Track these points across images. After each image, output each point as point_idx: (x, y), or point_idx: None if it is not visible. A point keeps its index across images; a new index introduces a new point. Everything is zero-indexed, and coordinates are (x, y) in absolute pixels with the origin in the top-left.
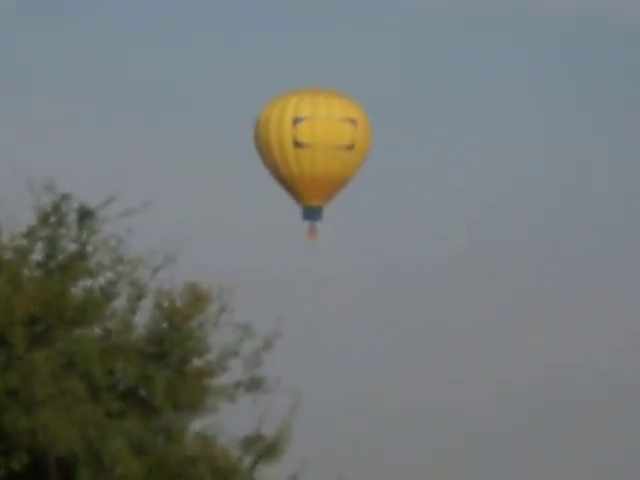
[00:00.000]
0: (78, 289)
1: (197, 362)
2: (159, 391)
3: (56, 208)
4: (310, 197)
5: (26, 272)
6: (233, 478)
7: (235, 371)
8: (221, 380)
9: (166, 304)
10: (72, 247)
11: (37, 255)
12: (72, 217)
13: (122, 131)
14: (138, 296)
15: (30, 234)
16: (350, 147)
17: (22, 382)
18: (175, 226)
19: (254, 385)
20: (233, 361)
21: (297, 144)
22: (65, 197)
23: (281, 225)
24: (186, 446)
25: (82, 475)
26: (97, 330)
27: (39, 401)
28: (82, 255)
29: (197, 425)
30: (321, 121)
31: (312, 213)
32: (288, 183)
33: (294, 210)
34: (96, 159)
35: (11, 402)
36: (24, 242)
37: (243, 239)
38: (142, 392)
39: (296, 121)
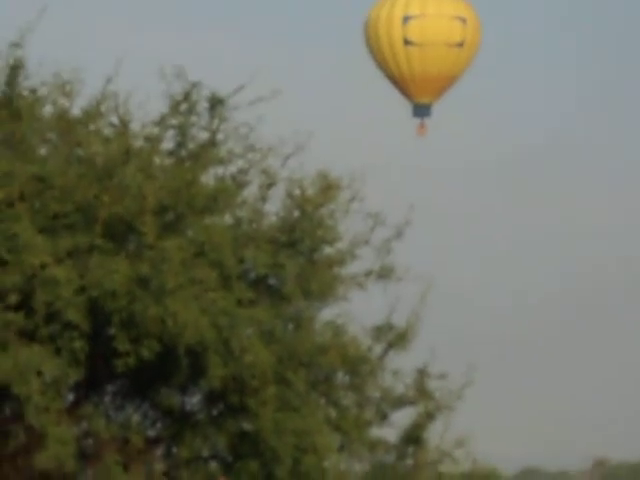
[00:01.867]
0: (209, 177)
1: (328, 250)
2: (289, 279)
3: (187, 96)
4: (420, 94)
5: (157, 160)
6: (363, 366)
7: (365, 259)
8: (351, 268)
9: (297, 192)
10: (203, 135)
11: (168, 143)
12: (203, 105)
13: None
14: (269, 184)
15: (161, 122)
16: (460, 45)
17: (152, 270)
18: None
19: (384, 273)
20: (364, 249)
21: (407, 42)
22: (196, 85)
23: (392, 121)
24: (316, 335)
25: (212, 363)
26: (228, 218)
27: (169, 289)
28: (213, 143)
29: (327, 314)
30: (431, 19)
31: (421, 110)
32: (398, 81)
33: (405, 106)
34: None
35: (141, 291)
36: (155, 130)
37: (357, 135)
38: (272, 280)
39: (406, 19)
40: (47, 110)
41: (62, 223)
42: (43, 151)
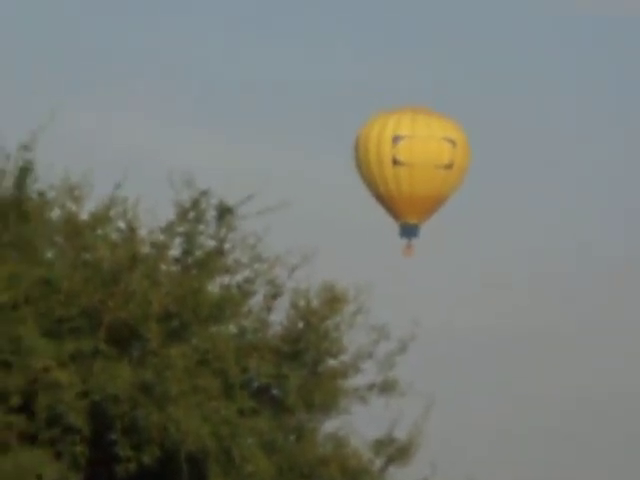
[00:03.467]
0: (215, 286)
1: (331, 363)
2: (292, 390)
3: (195, 204)
4: (407, 215)
5: (163, 267)
6: (363, 479)
7: (369, 373)
8: (354, 381)
9: (302, 303)
10: (210, 243)
11: (175, 250)
12: (211, 213)
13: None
14: (274, 295)
15: (168, 229)
16: (449, 166)
17: (156, 377)
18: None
19: (387, 388)
20: (367, 362)
21: (396, 162)
22: (204, 193)
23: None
24: (317, 446)
25: (212, 471)
26: (232, 327)
27: (172, 397)
28: (220, 252)
29: (329, 426)
30: (420, 140)
31: (409, 230)
32: (386, 200)
33: (392, 227)
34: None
35: (144, 397)
36: (162, 237)
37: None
38: (275, 391)
39: (396, 139)
40: (55, 213)
41: (67, 327)
42: (50, 254)
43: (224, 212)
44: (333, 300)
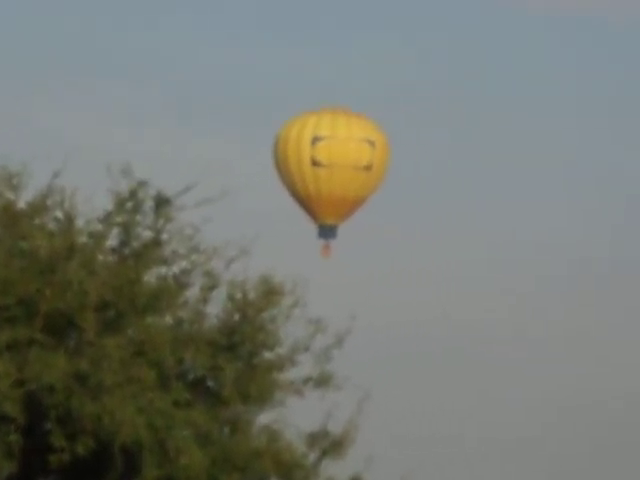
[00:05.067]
0: (152, 277)
1: (267, 355)
2: (228, 383)
3: (133, 194)
4: (326, 216)
5: (100, 257)
6: (297, 473)
7: (305, 366)
8: (290, 375)
9: (239, 296)
10: (147, 234)
11: (112, 241)
12: (149, 204)
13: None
14: (211, 286)
15: (106, 219)
16: (368, 168)
17: (91, 367)
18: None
19: (323, 381)
20: (303, 356)
21: (315, 163)
22: (142, 183)
23: (297, 242)
24: (252, 439)
25: (146, 463)
26: (169, 319)
27: (107, 387)
28: (157, 243)
29: (264, 418)
30: (340, 141)
31: (327, 232)
32: (305, 201)
33: (310, 228)
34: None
35: (79, 387)
36: (99, 227)
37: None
38: (210, 383)
39: (315, 140)
40: None
41: (3, 315)
42: None
43: (162, 203)
44: (270, 293)
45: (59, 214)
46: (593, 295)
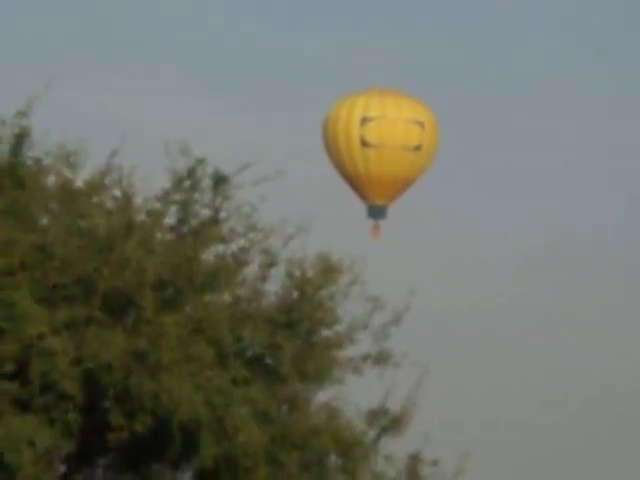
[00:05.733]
0: (209, 255)
1: (326, 333)
2: (286, 360)
3: (191, 173)
4: (375, 196)
5: (158, 235)
6: (357, 450)
7: (363, 343)
8: (349, 352)
9: (297, 273)
10: (205, 212)
11: (170, 219)
12: (206, 182)
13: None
14: (269, 264)
15: (164, 198)
16: (417, 148)
17: (149, 346)
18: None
19: (382, 359)
20: (362, 333)
21: (364, 143)
22: (200, 162)
23: (347, 222)
24: (310, 417)
25: (205, 440)
26: (227, 297)
27: (165, 365)
28: (215, 221)
29: (322, 396)
30: (389, 122)
31: (377, 212)
32: (354, 182)
33: (360, 207)
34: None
35: (137, 365)
36: (157, 205)
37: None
38: (269, 360)
39: (364, 121)
40: (50, 180)
41: (61, 294)
42: (45, 221)
43: (219, 181)
44: (328, 270)
45: (117, 192)
46: None
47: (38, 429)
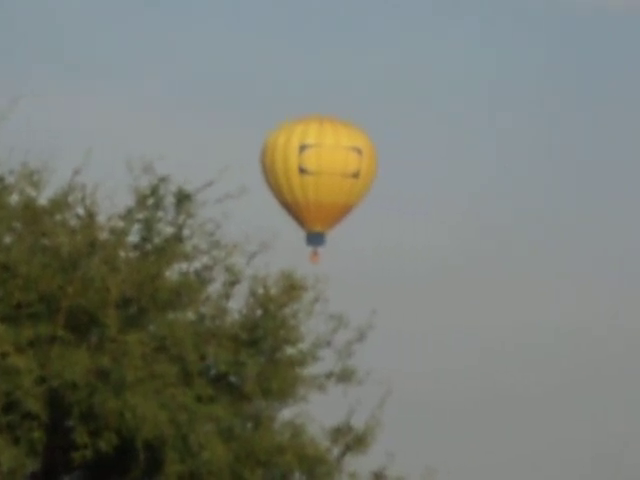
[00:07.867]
0: (173, 272)
1: (289, 351)
2: (250, 378)
3: (154, 190)
4: (314, 223)
5: (122, 254)
6: (320, 468)
7: (327, 361)
8: (312, 370)
9: (260, 291)
10: (168, 230)
11: (133, 237)
12: (170, 200)
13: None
14: (233, 282)
15: (127, 216)
16: (355, 175)
17: (113, 364)
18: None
19: (345, 376)
20: (325, 351)
21: (302, 171)
22: (163, 179)
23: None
24: (275, 434)
25: (169, 458)
26: (190, 314)
27: (129, 383)
28: (178, 238)
29: (286, 414)
30: (327, 149)
31: (315, 238)
32: (293, 209)
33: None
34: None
35: (101, 383)
36: (121, 223)
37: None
38: (233, 378)
39: (302, 148)
40: (13, 199)
41: (25, 312)
42: (8, 240)
43: (183, 199)
44: (291, 288)
45: (80, 211)
46: None
47: (3, 448)
